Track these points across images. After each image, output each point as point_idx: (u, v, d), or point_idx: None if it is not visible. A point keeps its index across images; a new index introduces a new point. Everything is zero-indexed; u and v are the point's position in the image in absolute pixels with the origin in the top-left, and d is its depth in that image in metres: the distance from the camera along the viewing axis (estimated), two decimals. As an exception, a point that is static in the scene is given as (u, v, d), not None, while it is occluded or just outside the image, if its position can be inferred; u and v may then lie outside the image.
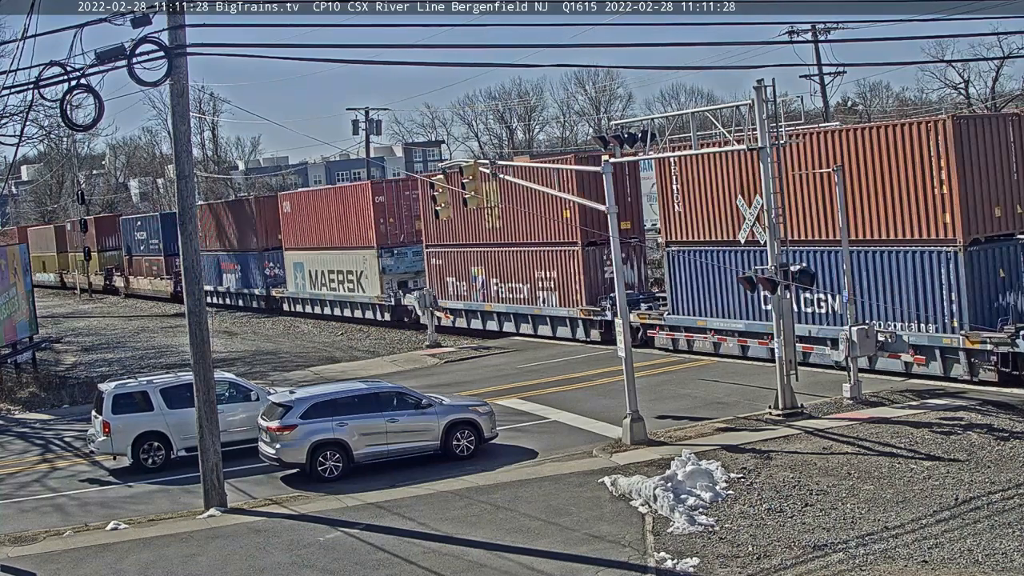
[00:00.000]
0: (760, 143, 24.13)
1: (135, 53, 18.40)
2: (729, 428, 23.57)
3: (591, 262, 36.30)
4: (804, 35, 55.71)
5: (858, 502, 17.79)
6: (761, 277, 24.34)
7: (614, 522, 17.86)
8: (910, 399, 24.78)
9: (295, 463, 22.47)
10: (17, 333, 40.69)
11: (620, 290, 23.76)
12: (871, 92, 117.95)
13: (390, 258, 46.40)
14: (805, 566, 15.24)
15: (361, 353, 42.04)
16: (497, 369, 34.99)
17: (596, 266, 36.37)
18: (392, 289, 45.73)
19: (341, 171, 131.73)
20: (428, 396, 23.95)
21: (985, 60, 67.79)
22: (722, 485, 19.04)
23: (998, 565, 14.68)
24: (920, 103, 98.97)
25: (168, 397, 24.63)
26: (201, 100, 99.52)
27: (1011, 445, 20.38)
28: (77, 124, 21.81)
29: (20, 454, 28.14)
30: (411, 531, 18.28)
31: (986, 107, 71.17)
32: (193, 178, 21.03)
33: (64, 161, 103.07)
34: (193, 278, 20.69)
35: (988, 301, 25.73)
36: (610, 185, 24.22)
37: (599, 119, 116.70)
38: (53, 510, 22.18)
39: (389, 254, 46.39)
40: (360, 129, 72.67)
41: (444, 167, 40.96)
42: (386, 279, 46.05)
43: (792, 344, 24.62)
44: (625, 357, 23.18)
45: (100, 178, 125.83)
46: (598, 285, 36.23)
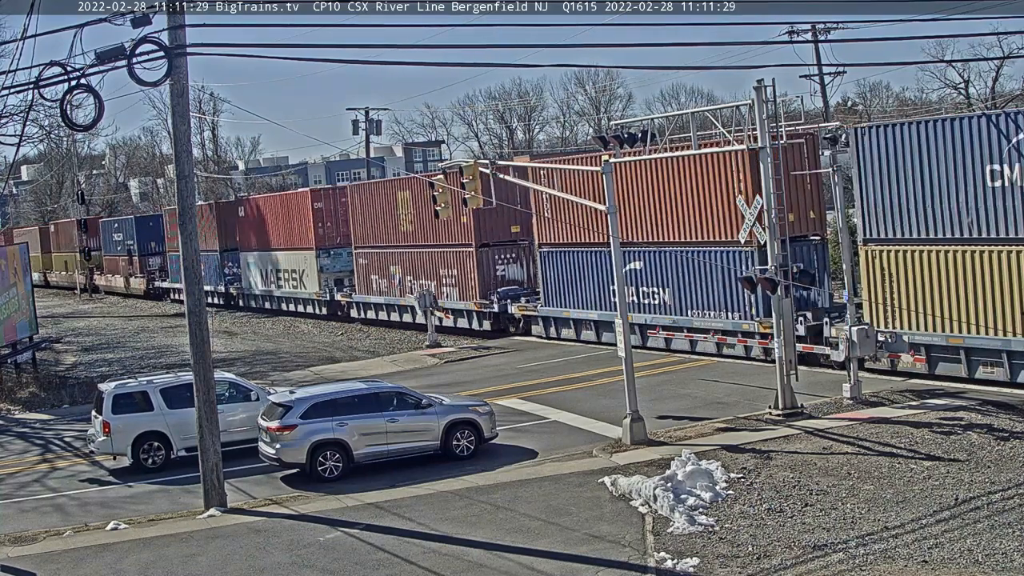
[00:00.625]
0: (760, 143, 24.15)
1: (135, 53, 18.40)
2: (729, 428, 23.58)
3: (484, 262, 41.00)
4: (804, 35, 55.70)
5: (858, 502, 17.79)
6: (761, 277, 24.38)
7: (614, 522, 17.86)
8: (910, 399, 24.78)
9: (295, 463, 22.47)
10: (17, 333, 40.70)
11: (620, 290, 23.75)
12: (871, 92, 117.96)
13: (327, 258, 51.43)
14: (805, 566, 15.24)
15: (361, 353, 42.05)
16: (497, 369, 35.00)
17: (489, 265, 41.07)
18: (329, 286, 51.05)
19: (341, 171, 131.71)
20: (428, 396, 23.96)
21: (985, 60, 67.80)
22: (722, 485, 19.04)
23: (998, 565, 14.68)
24: (920, 103, 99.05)
25: (168, 397, 24.64)
26: (201, 100, 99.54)
27: (1011, 445, 20.38)
28: (77, 124, 21.82)
29: (20, 454, 28.15)
30: (411, 531, 18.28)
31: (986, 107, 71.17)
32: (193, 178, 21.04)
33: (64, 161, 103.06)
34: (193, 278, 20.69)
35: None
36: (610, 185, 24.22)
37: (599, 119, 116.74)
38: (53, 510, 22.18)
39: (326, 255, 51.40)
40: (360, 129, 72.71)
41: (444, 167, 41.13)
42: (323, 277, 51.40)
43: (792, 344, 24.64)
44: (625, 357, 23.18)
45: (100, 178, 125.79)
46: (489, 282, 41.05)
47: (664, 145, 27.55)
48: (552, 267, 37.99)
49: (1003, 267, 24.58)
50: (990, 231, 24.85)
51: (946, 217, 25.74)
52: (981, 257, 25.05)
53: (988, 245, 24.91)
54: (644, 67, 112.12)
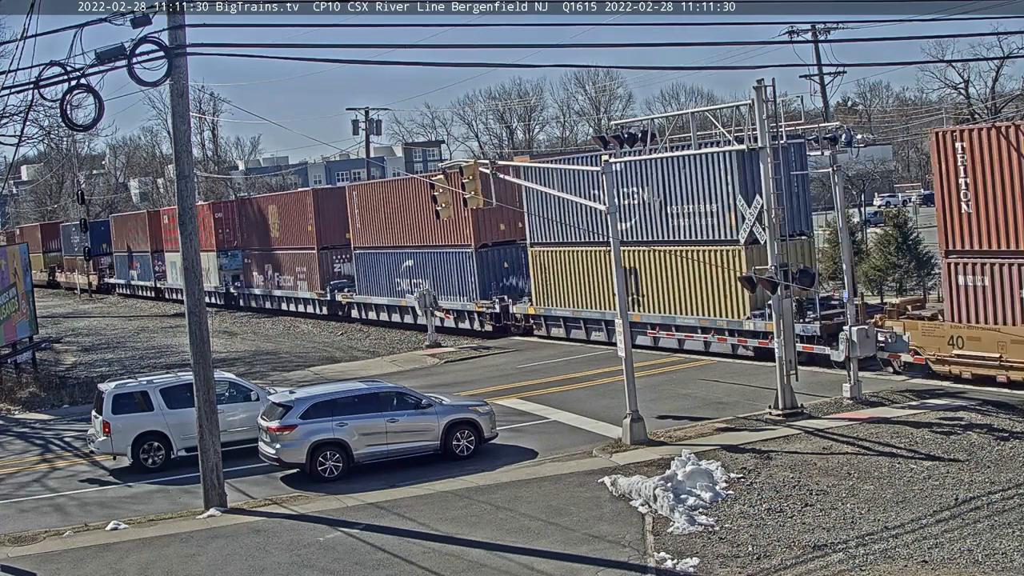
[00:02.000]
0: (760, 143, 24.15)
1: (135, 53, 18.39)
2: (729, 428, 23.58)
3: (324, 261, 52.36)
4: (804, 35, 55.76)
5: (858, 502, 17.79)
6: (761, 278, 24.37)
7: (614, 522, 17.86)
8: (910, 399, 24.79)
9: (295, 463, 22.47)
10: (17, 333, 40.69)
11: (620, 290, 23.76)
12: (871, 92, 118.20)
13: (225, 258, 62.43)
14: (805, 566, 15.24)
15: (361, 353, 42.06)
16: (497, 369, 35.00)
17: (328, 263, 52.46)
18: (226, 281, 62.27)
19: (341, 171, 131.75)
20: (428, 396, 23.95)
21: (985, 60, 67.83)
22: (722, 485, 19.04)
23: (998, 565, 14.68)
24: (920, 103, 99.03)
25: (168, 397, 24.64)
26: (201, 100, 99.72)
27: (1011, 445, 20.38)
28: (77, 124, 21.80)
29: (20, 454, 28.15)
30: (411, 531, 18.28)
31: (986, 106, 71.19)
32: (193, 178, 21.03)
33: (64, 161, 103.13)
34: (193, 278, 20.68)
35: (496, 281, 41.23)
36: (611, 186, 24.22)
37: (599, 119, 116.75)
38: (53, 510, 22.17)
39: (225, 255, 62.42)
40: (360, 129, 72.72)
41: (444, 167, 41.27)
42: (222, 273, 62.54)
43: (792, 344, 24.64)
44: (625, 357, 23.18)
45: (100, 178, 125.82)
46: (328, 275, 52.38)
47: (665, 144, 27.54)
48: (363, 264, 49.19)
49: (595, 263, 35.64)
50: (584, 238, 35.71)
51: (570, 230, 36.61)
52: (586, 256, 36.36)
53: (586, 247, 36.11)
54: (644, 67, 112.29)
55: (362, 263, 49.08)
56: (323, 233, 52.05)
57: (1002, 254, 25.08)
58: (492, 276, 41.37)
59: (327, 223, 51.53)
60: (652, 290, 33.84)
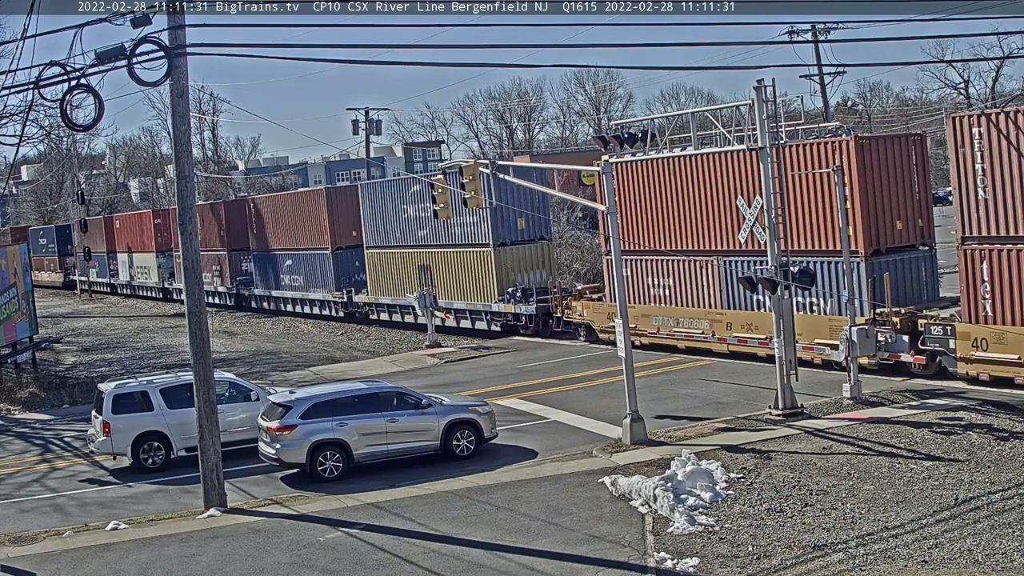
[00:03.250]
0: (760, 143, 24.15)
1: (135, 53, 18.38)
2: (729, 428, 23.58)
3: (234, 262, 61.42)
4: (804, 35, 55.78)
5: (858, 502, 17.79)
6: (761, 278, 24.37)
7: (614, 522, 17.86)
8: (910, 399, 24.79)
9: (295, 463, 22.47)
10: (17, 333, 40.69)
11: (620, 291, 23.76)
12: (871, 92, 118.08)
13: (163, 258, 71.15)
14: (805, 566, 15.24)
15: (361, 353, 42.06)
16: (497, 369, 35.01)
17: (237, 264, 61.28)
18: (164, 277, 70.66)
19: (341, 171, 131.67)
20: (428, 396, 23.95)
21: (985, 60, 67.84)
22: (722, 485, 19.04)
23: (998, 565, 14.68)
24: (920, 103, 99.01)
25: (168, 397, 24.63)
26: (201, 100, 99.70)
27: (1011, 445, 20.38)
28: (77, 124, 21.82)
29: (20, 454, 28.15)
30: (411, 531, 18.28)
31: (985, 106, 71.13)
32: (193, 178, 21.03)
33: (64, 161, 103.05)
34: (193, 278, 20.66)
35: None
36: (610, 186, 24.23)
37: (599, 119, 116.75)
38: (53, 510, 22.17)
39: (163, 256, 71.08)
40: (360, 129, 72.70)
41: (444, 167, 41.37)
42: (161, 271, 71.43)
43: (792, 344, 24.64)
44: (625, 357, 23.18)
45: (100, 178, 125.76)
46: (237, 273, 61.17)
47: (665, 144, 27.55)
48: (260, 265, 58.66)
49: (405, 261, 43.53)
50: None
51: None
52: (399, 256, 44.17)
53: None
54: (644, 67, 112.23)
55: (257, 262, 58.95)
56: (231, 235, 61.95)
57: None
58: (344, 273, 51.02)
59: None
60: (443, 282, 43.52)
